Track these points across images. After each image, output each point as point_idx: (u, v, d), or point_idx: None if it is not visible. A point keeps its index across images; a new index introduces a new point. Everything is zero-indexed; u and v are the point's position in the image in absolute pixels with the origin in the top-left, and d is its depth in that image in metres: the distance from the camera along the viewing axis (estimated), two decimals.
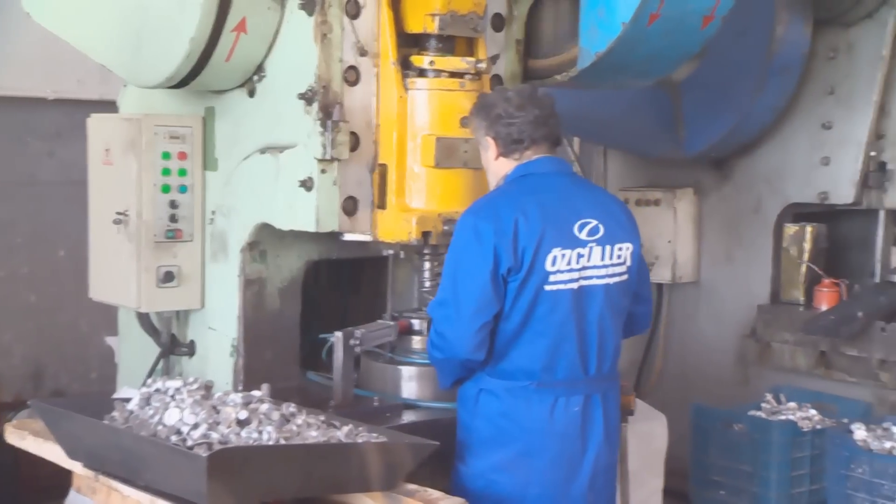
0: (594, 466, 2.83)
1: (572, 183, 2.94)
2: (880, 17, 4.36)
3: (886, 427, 3.81)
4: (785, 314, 4.73)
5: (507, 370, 2.78)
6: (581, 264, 2.76)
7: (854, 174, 4.51)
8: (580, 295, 2.77)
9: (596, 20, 3.27)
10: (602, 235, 2.80)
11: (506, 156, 2.86)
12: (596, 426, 2.82)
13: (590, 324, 2.79)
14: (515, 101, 2.82)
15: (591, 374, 2.82)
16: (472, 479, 2.83)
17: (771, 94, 4.53)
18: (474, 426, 2.83)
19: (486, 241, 2.70)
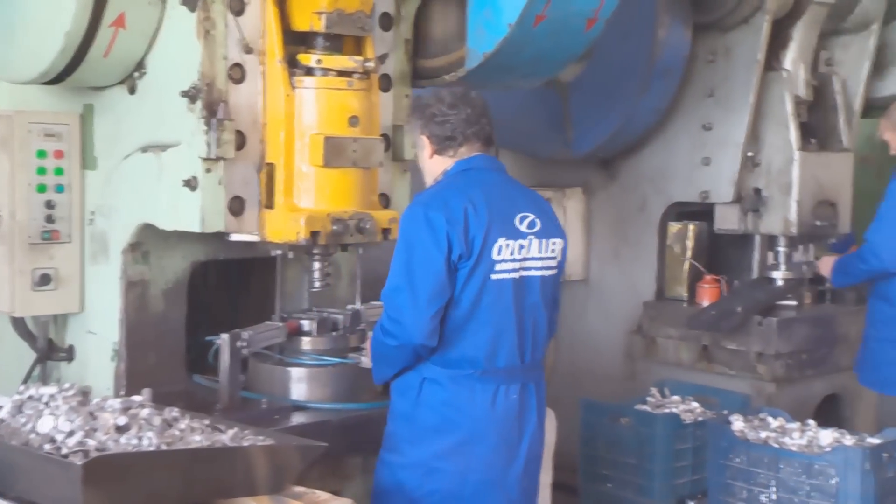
0: (528, 453, 2.94)
1: (508, 180, 3.08)
2: (755, 22, 4.53)
3: (763, 418, 3.95)
4: (669, 310, 4.88)
5: (452, 359, 2.85)
6: (522, 255, 2.88)
7: (733, 174, 4.68)
8: (520, 285, 2.88)
9: (483, 21, 3.30)
10: (539, 229, 2.93)
11: (440, 153, 2.96)
12: (530, 413, 2.94)
13: (527, 313, 2.90)
14: (448, 101, 2.92)
15: (526, 363, 2.92)
16: (408, 470, 2.86)
17: (654, 95, 4.67)
18: (416, 416, 2.87)
19: (438, 229, 2.78)
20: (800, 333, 4.61)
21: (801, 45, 4.65)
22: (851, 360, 4.72)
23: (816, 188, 4.66)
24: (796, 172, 4.58)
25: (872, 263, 4.25)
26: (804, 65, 4.67)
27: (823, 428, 3.82)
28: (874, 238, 4.27)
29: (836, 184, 4.75)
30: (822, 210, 4.68)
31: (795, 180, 4.58)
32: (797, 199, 4.59)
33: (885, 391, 4.36)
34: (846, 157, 4.81)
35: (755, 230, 4.73)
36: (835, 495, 3.53)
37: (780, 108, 4.61)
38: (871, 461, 3.51)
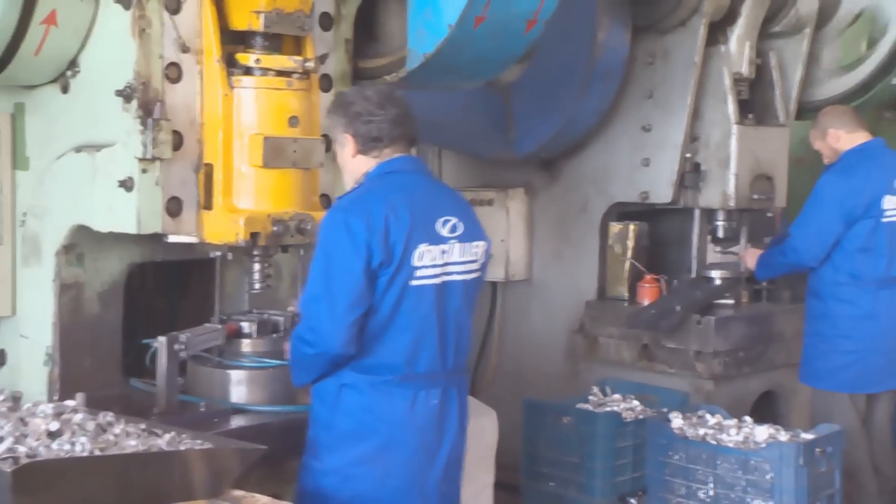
0: (448, 458, 2.92)
1: (430, 182, 3.04)
2: (692, 25, 4.60)
3: (701, 415, 4.02)
4: (610, 309, 4.93)
5: (370, 365, 2.81)
6: (444, 260, 2.85)
7: (671, 174, 4.75)
8: (442, 290, 2.85)
9: (423, 22, 3.30)
10: (462, 233, 2.90)
11: (364, 154, 2.90)
12: (451, 418, 2.91)
13: (449, 318, 2.88)
14: (375, 100, 2.87)
15: (448, 368, 2.90)
16: (327, 476, 2.83)
17: (595, 97, 4.71)
18: (334, 422, 2.84)
19: (358, 237, 2.73)
20: (737, 332, 4.69)
21: (748, 22, 4.71)
22: (787, 358, 4.83)
23: (754, 162, 4.75)
24: (734, 146, 4.66)
25: (791, 258, 4.37)
26: (749, 42, 4.73)
27: (759, 424, 3.90)
28: (796, 233, 4.39)
29: (773, 158, 4.84)
30: (759, 184, 4.78)
31: (733, 154, 4.66)
32: (735, 173, 4.67)
33: (814, 385, 4.46)
34: (782, 132, 4.91)
35: (694, 204, 4.79)
36: (770, 490, 3.61)
37: (719, 83, 4.68)
38: (804, 456, 3.60)
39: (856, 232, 4.31)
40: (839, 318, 4.36)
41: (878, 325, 4.37)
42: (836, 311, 4.36)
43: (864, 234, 4.32)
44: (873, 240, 4.33)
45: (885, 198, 4.34)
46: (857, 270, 4.33)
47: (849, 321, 4.34)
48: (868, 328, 4.35)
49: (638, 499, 4.15)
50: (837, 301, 4.36)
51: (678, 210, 4.93)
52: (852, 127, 4.43)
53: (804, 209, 4.40)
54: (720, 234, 4.90)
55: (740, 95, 4.76)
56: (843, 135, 4.42)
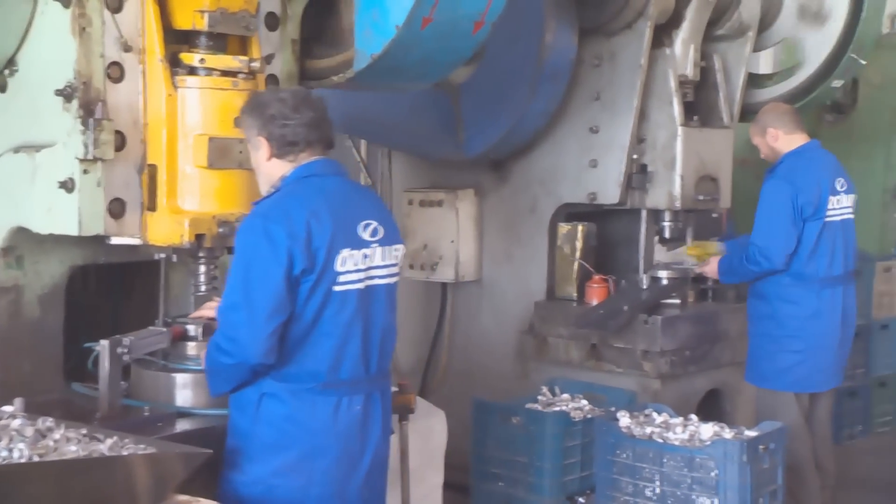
0: (371, 463, 2.88)
1: (349, 185, 2.98)
2: (638, 28, 4.65)
3: (648, 413, 4.06)
4: (559, 310, 4.96)
5: (292, 373, 2.76)
6: (367, 264, 2.81)
7: (619, 175, 4.79)
8: (366, 295, 2.81)
9: (370, 22, 3.30)
10: (382, 236, 2.86)
11: (279, 157, 2.83)
12: (375, 424, 2.87)
13: (373, 323, 2.84)
14: (290, 103, 2.80)
15: (372, 373, 2.85)
16: (249, 487, 2.77)
17: (543, 98, 4.74)
18: (255, 432, 2.77)
19: (278, 244, 2.67)
20: (683, 331, 4.74)
21: (693, 25, 4.77)
22: (732, 356, 4.90)
23: (699, 163, 4.80)
24: (679, 148, 4.71)
25: (763, 265, 4.38)
26: (694, 45, 4.79)
27: (705, 422, 3.95)
28: (762, 242, 4.38)
29: (717, 159, 4.91)
30: (704, 185, 4.84)
31: (679, 155, 4.72)
32: (681, 174, 4.72)
33: (763, 385, 4.51)
34: (726, 134, 4.98)
35: (641, 205, 4.84)
36: (714, 487, 3.65)
37: (665, 86, 4.74)
38: (747, 453, 3.65)
39: (805, 233, 4.39)
40: (786, 319, 4.42)
41: (822, 324, 4.45)
42: (782, 312, 4.42)
43: (813, 235, 4.39)
44: (819, 241, 4.41)
45: (829, 199, 4.42)
46: (801, 271, 4.40)
47: (795, 321, 4.41)
48: (814, 327, 4.42)
49: (586, 497, 4.17)
50: (783, 302, 4.42)
51: (626, 211, 4.98)
52: (791, 128, 4.51)
53: (760, 218, 4.41)
54: (667, 234, 4.95)
55: (685, 98, 4.82)
56: (782, 135, 4.49)
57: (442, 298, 5.40)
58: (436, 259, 5.25)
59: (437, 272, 5.25)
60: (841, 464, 4.88)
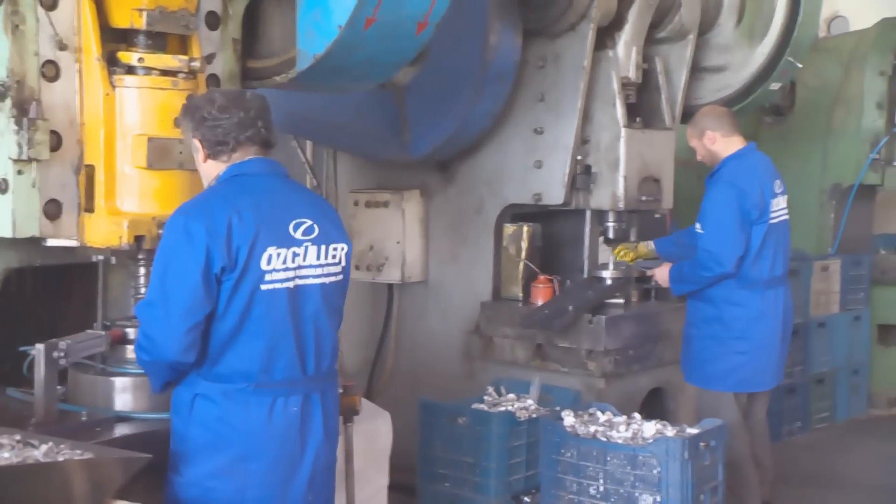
0: (314, 466, 2.84)
1: (286, 184, 2.95)
2: (581, 30, 4.68)
3: (592, 412, 4.10)
4: (505, 310, 4.99)
5: (223, 373, 2.74)
6: (297, 263, 2.78)
7: (563, 176, 4.83)
8: (296, 294, 2.78)
9: (313, 22, 3.27)
10: (317, 235, 2.84)
11: (213, 157, 2.83)
12: (315, 425, 2.84)
13: (306, 323, 2.81)
14: (219, 103, 2.80)
15: (309, 374, 2.83)
16: (187, 489, 2.75)
17: (488, 99, 4.76)
18: (189, 434, 2.76)
19: (197, 241, 2.65)
20: (627, 330, 4.79)
21: (635, 28, 4.82)
22: (674, 355, 4.94)
23: (641, 164, 4.85)
24: (623, 149, 4.76)
25: (716, 270, 4.40)
26: (636, 47, 4.84)
27: (647, 421, 4.00)
28: (713, 247, 4.38)
29: (660, 161, 4.97)
30: (647, 186, 4.90)
31: (622, 156, 4.76)
32: (624, 175, 4.77)
33: (710, 387, 4.54)
34: (668, 136, 5.04)
35: (585, 205, 4.88)
36: (657, 484, 3.70)
37: (608, 88, 4.78)
38: (689, 450, 3.70)
39: (751, 236, 4.44)
40: (732, 321, 4.46)
41: (766, 325, 4.51)
42: (728, 314, 4.46)
43: (759, 238, 4.44)
44: (763, 243, 4.47)
45: (770, 201, 4.49)
46: (747, 273, 4.44)
47: (741, 322, 4.46)
48: (758, 328, 4.48)
49: (532, 497, 4.20)
50: (729, 304, 4.46)
51: (571, 211, 5.02)
52: (728, 131, 4.56)
53: (710, 223, 4.42)
54: (611, 234, 5.00)
55: (628, 99, 4.87)
56: (719, 137, 4.55)
57: (388, 299, 5.40)
58: (382, 260, 5.24)
59: (384, 273, 5.24)
60: (780, 459, 4.98)
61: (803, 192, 6.58)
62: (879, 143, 6.44)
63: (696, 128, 4.61)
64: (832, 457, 5.78)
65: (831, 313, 6.32)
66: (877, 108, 6.48)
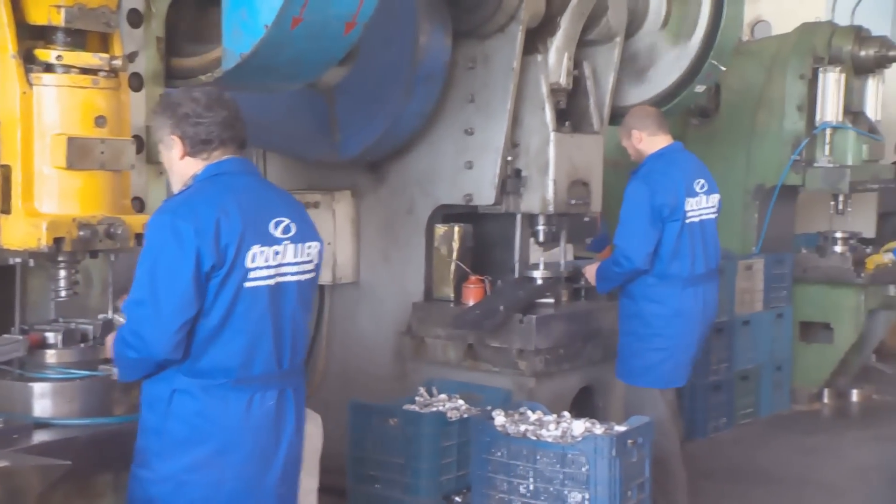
0: (286, 459, 2.90)
1: (262, 184, 3.01)
2: (511, 31, 4.71)
3: (523, 412, 4.13)
4: (437, 310, 4.99)
5: (204, 369, 2.76)
6: (277, 261, 2.83)
7: (493, 177, 4.85)
8: (276, 291, 2.83)
9: (239, 21, 3.24)
10: (295, 233, 2.88)
11: (193, 156, 2.85)
12: (288, 419, 2.89)
13: (285, 319, 2.86)
14: (204, 102, 2.82)
15: (284, 369, 2.88)
16: (159, 484, 2.76)
17: (418, 100, 4.75)
18: (166, 428, 2.76)
19: (186, 241, 2.68)
20: (557, 330, 4.84)
21: (567, 34, 4.86)
22: (604, 354, 5.01)
23: (571, 168, 4.89)
24: (552, 153, 4.80)
25: (625, 265, 4.49)
26: (567, 53, 4.87)
27: (577, 419, 4.04)
28: (622, 243, 4.49)
29: (588, 165, 5.01)
30: (576, 189, 4.94)
31: (552, 160, 4.80)
32: (554, 179, 4.81)
33: (631, 382, 4.63)
34: (597, 140, 5.09)
35: (516, 209, 4.91)
36: (585, 482, 3.74)
37: (537, 92, 4.81)
38: (616, 448, 3.75)
39: (665, 234, 4.52)
40: (651, 318, 4.54)
41: (685, 322, 4.59)
42: (647, 311, 4.54)
43: (672, 236, 4.52)
44: (679, 241, 4.55)
45: (686, 200, 4.57)
46: (665, 271, 4.52)
47: (660, 319, 4.53)
48: (677, 325, 4.56)
49: (462, 496, 4.21)
50: (649, 301, 4.54)
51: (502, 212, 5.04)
52: (654, 129, 4.63)
53: (622, 218, 4.51)
54: (541, 238, 5.03)
55: (558, 105, 4.90)
56: (645, 136, 4.62)
57: (319, 301, 5.36)
58: None
59: None
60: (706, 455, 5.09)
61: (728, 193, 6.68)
62: (800, 144, 6.60)
63: (624, 127, 4.69)
64: (756, 451, 5.91)
65: (755, 311, 6.46)
66: (797, 110, 6.65)
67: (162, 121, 2.86)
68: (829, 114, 6.54)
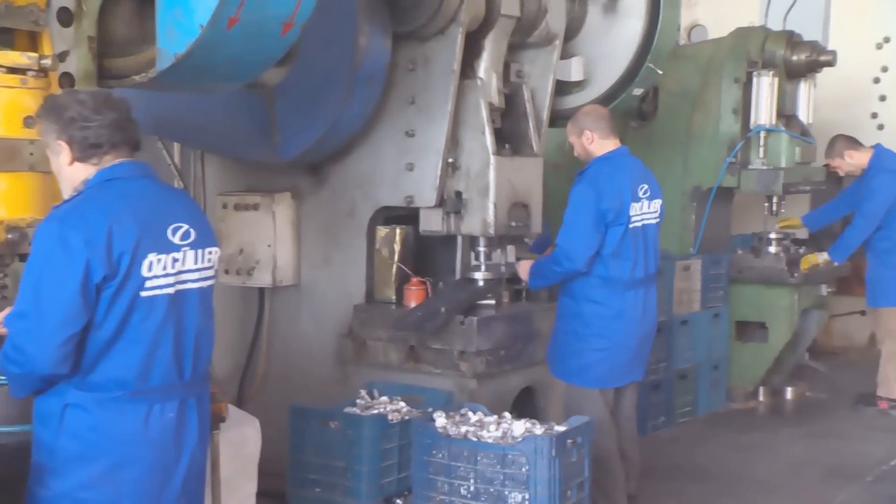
0: (188, 472, 2.82)
1: (159, 187, 2.89)
2: (451, 33, 4.70)
3: (464, 413, 4.14)
4: (378, 313, 4.97)
5: (97, 382, 2.66)
6: (177, 269, 2.75)
7: (435, 179, 4.85)
8: (176, 299, 2.75)
9: (173, 21, 3.19)
10: (194, 239, 2.81)
11: (82, 161, 2.74)
12: (191, 430, 2.82)
13: (187, 328, 2.79)
14: (91, 104, 2.71)
15: (186, 379, 2.80)
16: (55, 502, 2.67)
17: (358, 102, 4.73)
18: (59, 445, 2.66)
19: (75, 251, 2.57)
20: (498, 331, 4.85)
21: (493, 56, 4.88)
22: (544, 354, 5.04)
23: (511, 191, 4.91)
24: (492, 176, 4.80)
25: (566, 265, 4.53)
26: (496, 74, 4.91)
27: (517, 420, 4.06)
28: (565, 243, 4.53)
29: (528, 187, 5.03)
30: (516, 211, 4.95)
31: (492, 183, 4.80)
32: (494, 202, 4.81)
33: (568, 381, 4.67)
34: (536, 162, 5.11)
35: (457, 231, 4.92)
36: (525, 482, 3.76)
37: (476, 115, 4.82)
38: (556, 448, 3.78)
39: (608, 237, 4.56)
40: (592, 318, 4.58)
41: (625, 324, 4.64)
42: (588, 311, 4.59)
43: (615, 239, 4.57)
44: (621, 245, 4.60)
45: (631, 205, 4.62)
46: (607, 273, 4.57)
47: (600, 320, 4.58)
48: (617, 327, 4.61)
49: (403, 499, 4.20)
50: (590, 302, 4.59)
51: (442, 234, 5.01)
52: (606, 133, 4.67)
53: (566, 219, 4.54)
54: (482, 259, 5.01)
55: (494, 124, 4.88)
56: (597, 139, 4.66)
57: (259, 304, 5.31)
58: (252, 264, 5.15)
59: (254, 277, 5.15)
60: (646, 454, 5.14)
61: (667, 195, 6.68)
62: (735, 147, 6.72)
63: (576, 125, 4.70)
64: (693, 449, 6.00)
65: (693, 311, 6.55)
66: (733, 113, 6.75)
67: (47, 126, 2.74)
68: (762, 117, 6.66)
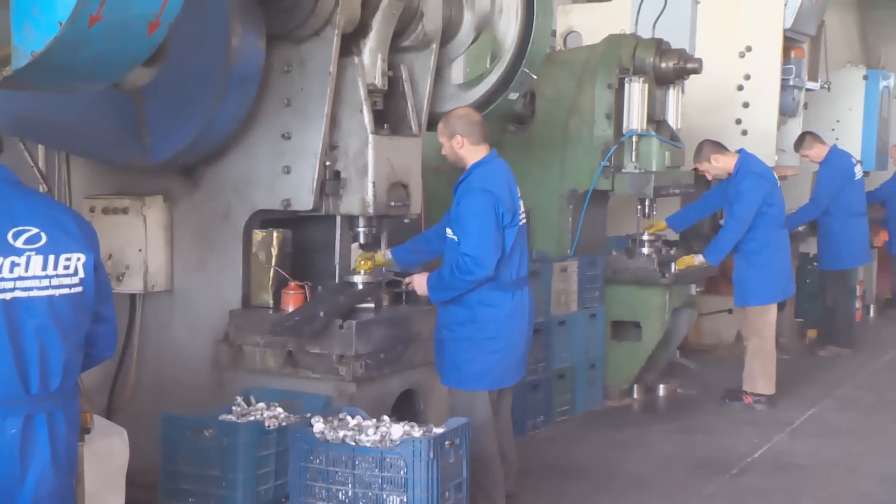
0: (36, 492, 2.68)
1: (12, 191, 2.78)
2: (326, 35, 4.67)
3: (342, 417, 4.11)
4: (255, 318, 4.89)
5: None
6: (16, 274, 2.64)
7: (312, 182, 4.81)
8: (13, 307, 2.63)
9: (30, 18, 3.05)
10: (44, 244, 2.69)
11: None
12: (39, 449, 2.68)
13: (27, 338, 2.65)
14: None
15: (33, 393, 2.66)
16: None
17: (232, 103, 4.64)
18: None
19: None
20: (378, 334, 4.83)
21: (379, 35, 4.86)
22: (425, 357, 5.05)
23: (390, 170, 4.90)
24: (371, 155, 4.79)
25: (478, 273, 4.48)
26: (381, 55, 4.88)
27: (396, 423, 4.06)
28: (474, 251, 4.47)
29: (407, 167, 5.03)
30: (395, 191, 4.96)
31: (371, 162, 4.79)
32: (373, 181, 4.80)
33: (466, 387, 4.65)
34: (415, 142, 5.12)
35: (336, 211, 4.88)
36: (403, 485, 3.76)
37: (354, 94, 4.80)
38: (434, 450, 3.79)
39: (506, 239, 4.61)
40: (487, 322, 4.59)
41: (516, 324, 4.70)
42: (483, 315, 4.59)
43: (509, 241, 4.61)
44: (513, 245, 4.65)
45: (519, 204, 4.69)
46: (499, 275, 4.59)
47: (495, 322, 4.61)
48: (511, 327, 4.66)
49: None
50: (484, 306, 4.60)
51: (321, 217, 5.00)
52: (477, 139, 4.72)
53: (469, 228, 4.51)
54: (361, 240, 5.04)
55: (375, 106, 4.92)
56: (468, 144, 4.70)
57: (130, 310, 5.14)
58: (122, 269, 4.99)
59: (124, 283, 4.99)
60: (525, 453, 5.22)
61: (545, 198, 6.96)
62: (609, 151, 6.91)
63: (448, 128, 4.73)
64: (571, 447, 6.13)
65: (570, 311, 6.69)
66: (606, 118, 6.93)
67: None
68: (634, 122, 6.86)
